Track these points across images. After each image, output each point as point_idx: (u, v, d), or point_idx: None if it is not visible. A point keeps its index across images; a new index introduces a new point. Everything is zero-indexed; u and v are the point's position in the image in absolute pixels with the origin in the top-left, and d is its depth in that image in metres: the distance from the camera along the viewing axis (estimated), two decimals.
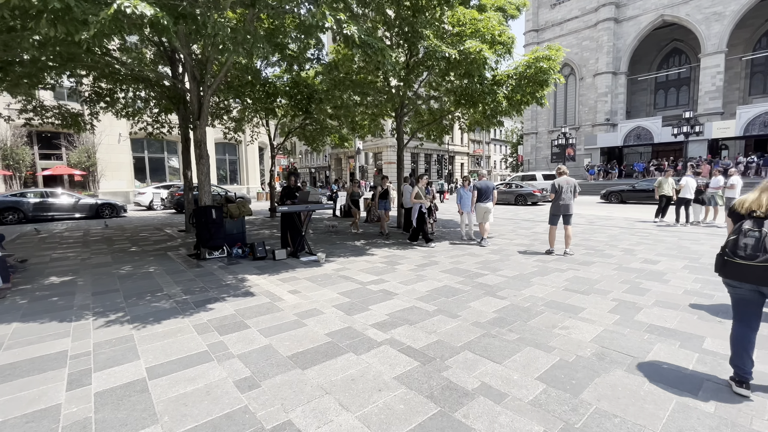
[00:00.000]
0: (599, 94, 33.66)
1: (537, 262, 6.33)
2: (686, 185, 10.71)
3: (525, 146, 40.97)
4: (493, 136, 65.70)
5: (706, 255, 6.65)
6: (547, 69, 8.14)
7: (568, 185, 6.73)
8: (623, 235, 9.26)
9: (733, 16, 27.04)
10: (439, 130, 13.36)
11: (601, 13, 32.99)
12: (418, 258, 6.80)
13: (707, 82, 28.56)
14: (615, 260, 6.37)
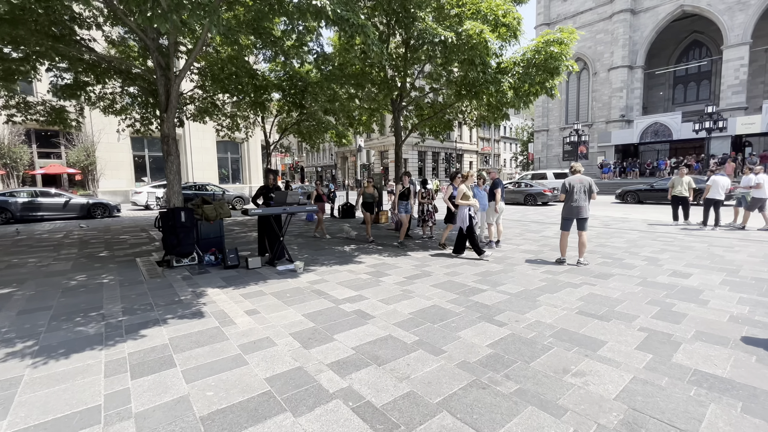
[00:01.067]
0: (614, 89, 32.27)
1: (546, 273, 5.47)
2: (714, 184, 9.65)
3: (536, 144, 39.70)
4: (503, 134, 64.24)
5: (746, 266, 5.70)
6: (558, 55, 7.24)
7: (581, 185, 5.85)
8: (644, 240, 8.29)
9: (760, 4, 25.46)
10: (442, 126, 12.50)
11: (616, 5, 31.59)
12: (409, 268, 5.99)
13: (730, 76, 27.02)
14: (638, 272, 5.47)
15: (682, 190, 10.47)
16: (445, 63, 7.93)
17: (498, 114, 9.05)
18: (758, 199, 9.36)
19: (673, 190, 10.66)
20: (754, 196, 9.43)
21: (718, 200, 9.63)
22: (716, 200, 9.65)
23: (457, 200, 6.57)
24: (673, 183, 10.81)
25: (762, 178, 9.38)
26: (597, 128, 33.89)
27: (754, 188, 9.39)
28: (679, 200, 10.67)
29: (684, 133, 26.26)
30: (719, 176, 9.76)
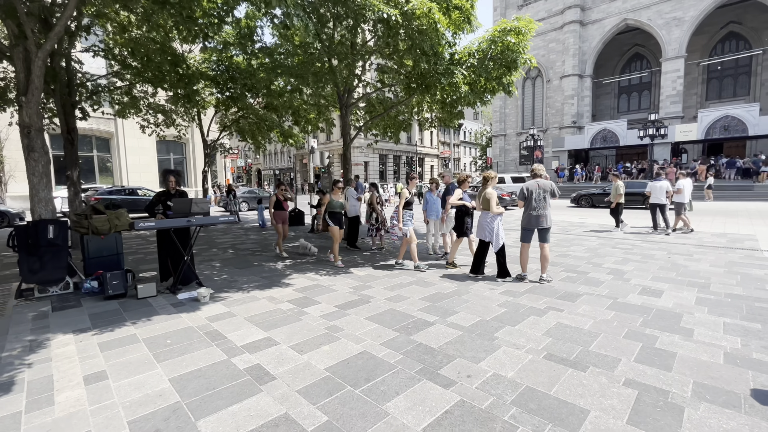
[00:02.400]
0: (566, 96, 33.39)
1: (505, 295, 4.63)
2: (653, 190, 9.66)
3: (494, 148, 40.33)
4: (463, 138, 65.29)
5: (713, 279, 5.22)
6: (515, 46, 6.55)
7: (541, 190, 5.10)
8: (604, 248, 7.83)
9: (692, 21, 27.30)
10: (396, 126, 11.62)
11: (566, 16, 32.75)
12: (346, 291, 4.93)
13: (668, 87, 28.75)
14: (605, 290, 4.79)
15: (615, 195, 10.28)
16: (393, 52, 7.00)
17: (453, 112, 8.29)
18: (679, 204, 9.61)
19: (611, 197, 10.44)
20: (675, 201, 9.62)
21: (662, 204, 9.59)
22: (660, 204, 9.64)
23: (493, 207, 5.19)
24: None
25: (682, 183, 9.60)
26: (551, 134, 34.90)
27: (676, 193, 9.63)
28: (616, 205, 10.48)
29: (630, 140, 27.50)
30: (657, 181, 9.78)
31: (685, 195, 9.68)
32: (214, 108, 13.37)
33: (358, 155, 40.28)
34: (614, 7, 30.94)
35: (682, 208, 9.71)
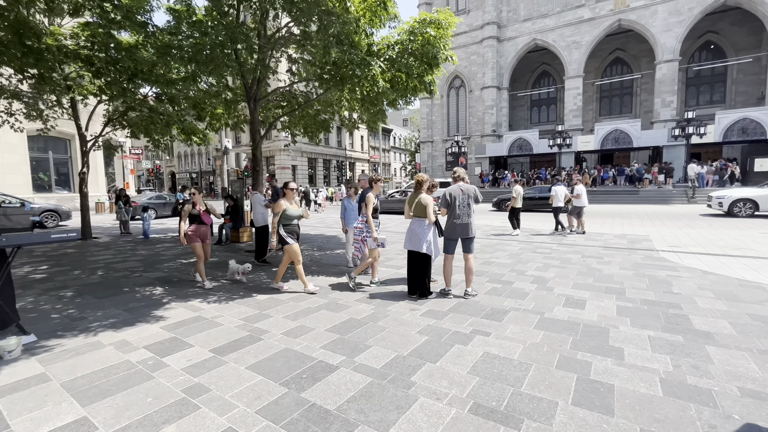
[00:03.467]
0: (486, 106, 35.47)
1: (428, 317, 4.01)
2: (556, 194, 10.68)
3: (422, 154, 41.30)
4: (393, 144, 66.33)
5: (626, 283, 5.24)
6: (436, 41, 6.10)
7: (465, 196, 4.62)
8: (525, 253, 7.81)
9: (588, 45, 30.87)
10: (317, 126, 10.67)
11: (485, 31, 34.87)
12: (234, 325, 3.88)
13: (570, 102, 32.10)
14: (531, 303, 4.45)
15: (519, 200, 10.73)
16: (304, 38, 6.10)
17: (373, 111, 7.65)
18: (577, 207, 10.47)
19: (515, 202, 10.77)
20: (575, 204, 10.48)
21: (561, 207, 10.61)
22: (559, 207, 10.63)
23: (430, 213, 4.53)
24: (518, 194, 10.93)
25: (580, 189, 10.43)
26: (474, 141, 36.79)
27: (575, 198, 10.44)
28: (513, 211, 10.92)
29: (541, 148, 30.02)
30: (558, 186, 10.84)
31: (583, 199, 10.46)
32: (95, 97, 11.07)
33: (285, 158, 38.30)
34: (525, 27, 33.74)
35: (581, 211, 10.53)
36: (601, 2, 30.09)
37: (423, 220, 4.56)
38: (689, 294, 4.72)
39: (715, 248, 7.93)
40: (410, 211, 4.67)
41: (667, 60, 27.64)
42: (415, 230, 4.57)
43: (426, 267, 4.61)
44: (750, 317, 3.86)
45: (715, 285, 5.10)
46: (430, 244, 4.51)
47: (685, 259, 6.91)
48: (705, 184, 21.94)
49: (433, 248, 4.56)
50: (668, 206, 19.19)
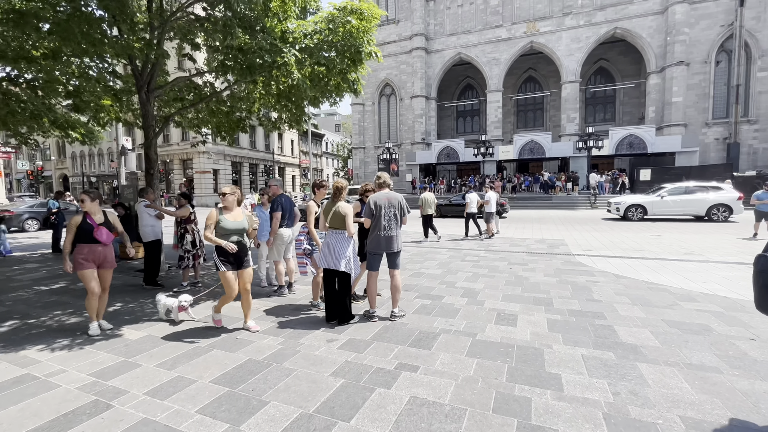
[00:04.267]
0: (416, 115, 36.35)
1: (346, 350, 3.36)
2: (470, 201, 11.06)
3: (354, 160, 40.90)
4: (325, 149, 65.02)
5: (552, 292, 5.18)
6: (357, 33, 5.55)
7: (391, 205, 4.09)
8: (455, 261, 7.61)
9: (506, 63, 33.40)
10: (231, 125, 9.44)
11: (414, 42, 35.83)
12: (77, 385, 2.80)
13: (492, 114, 34.36)
14: (463, 322, 4.05)
15: (427, 208, 10.79)
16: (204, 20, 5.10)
17: (293, 107, 6.84)
18: (489, 213, 11.02)
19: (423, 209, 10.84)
20: (486, 210, 11.02)
21: (473, 213, 11.07)
22: (472, 213, 11.09)
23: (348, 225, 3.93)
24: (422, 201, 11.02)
25: (490, 195, 10.97)
26: (405, 148, 37.43)
27: (486, 204, 10.95)
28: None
29: (467, 157, 31.52)
30: (470, 193, 11.28)
31: (492, 205, 10.99)
32: None
33: (205, 162, 35.00)
34: (451, 41, 35.42)
35: (491, 216, 11.05)
36: (516, 24, 32.79)
37: (341, 233, 3.91)
38: (609, 300, 4.75)
39: (620, 251, 8.57)
40: (326, 222, 3.99)
41: (570, 81, 31.01)
42: (331, 245, 3.90)
43: (346, 288, 3.96)
44: (666, 324, 3.89)
45: (629, 290, 5.27)
46: (349, 260, 3.87)
47: (598, 262, 7.26)
48: (604, 191, 24.80)
49: (353, 265, 3.93)
50: (576, 211, 21.22)
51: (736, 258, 7.43)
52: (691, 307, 4.47)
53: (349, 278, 3.93)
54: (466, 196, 11.40)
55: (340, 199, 3.97)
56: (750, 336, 3.54)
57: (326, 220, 3.99)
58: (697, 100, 27.85)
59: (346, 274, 3.91)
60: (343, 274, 3.91)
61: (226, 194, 3.76)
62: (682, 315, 4.17)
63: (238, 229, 3.74)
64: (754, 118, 26.73)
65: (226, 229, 3.69)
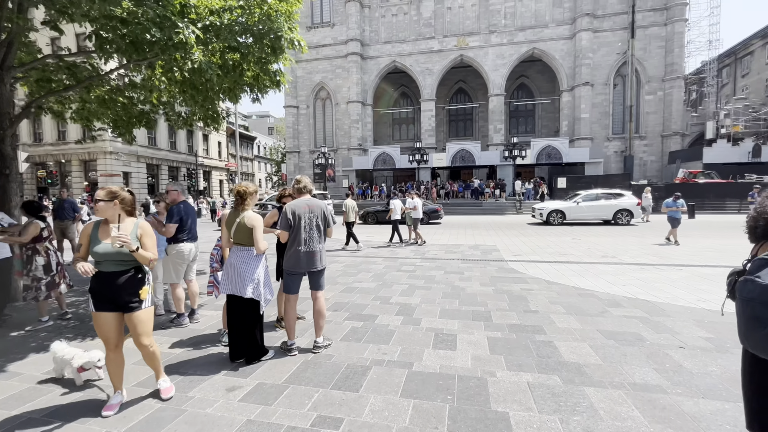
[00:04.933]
0: (352, 120, 35.92)
1: (251, 402, 2.61)
2: (395, 207, 11.05)
3: (288, 165, 39.12)
4: (257, 153, 61.59)
5: (489, 303, 4.94)
6: (278, 16, 4.83)
7: (312, 214, 3.43)
8: (390, 272, 7.15)
9: (438, 74, 34.61)
10: (129, 118, 7.96)
11: (349, 47, 35.49)
12: None
13: (426, 122, 35.30)
14: (398, 348, 3.53)
15: (349, 214, 10.64)
16: None
17: (201, 98, 5.83)
18: (415, 219, 11.12)
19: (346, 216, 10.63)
20: (413, 217, 11.11)
21: (398, 219, 11.07)
22: (396, 219, 11.06)
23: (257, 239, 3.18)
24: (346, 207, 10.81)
25: (416, 202, 11.07)
26: (341, 154, 36.75)
27: (412, 210, 11.06)
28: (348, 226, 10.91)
29: (403, 163, 31.84)
30: (395, 200, 11.26)
31: (419, 211, 11.11)
32: None
33: (113, 164, 30.68)
34: (386, 49, 35.75)
35: (417, 223, 11.11)
36: (447, 38, 34.21)
37: (248, 250, 3.16)
38: (545, 311, 4.61)
39: (547, 255, 8.87)
40: (230, 236, 3.21)
41: (496, 94, 33.12)
42: (235, 265, 3.12)
43: (255, 318, 3.20)
44: (602, 335, 3.79)
45: (561, 297, 5.24)
46: (258, 284, 3.13)
47: (529, 268, 7.33)
48: (528, 197, 26.66)
49: (263, 290, 3.19)
50: (504, 216, 22.39)
51: (643, 260, 8.06)
52: (620, 313, 4.49)
53: (259, 306, 3.17)
54: (390, 202, 11.29)
55: (246, 206, 3.20)
56: (679, 344, 3.54)
57: (230, 234, 3.20)
58: (600, 117, 31.50)
59: (254, 302, 3.15)
60: (251, 302, 3.14)
61: (99, 201, 2.55)
62: (613, 323, 4.13)
63: (108, 253, 2.49)
64: (644, 135, 30.99)
65: (96, 252, 2.51)
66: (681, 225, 10.44)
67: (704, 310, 4.58)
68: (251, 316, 3.16)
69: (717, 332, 3.83)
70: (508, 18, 32.88)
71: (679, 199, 10.54)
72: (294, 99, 37.84)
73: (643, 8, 30.03)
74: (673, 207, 10.37)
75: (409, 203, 11.25)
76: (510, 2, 32.89)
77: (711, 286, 5.76)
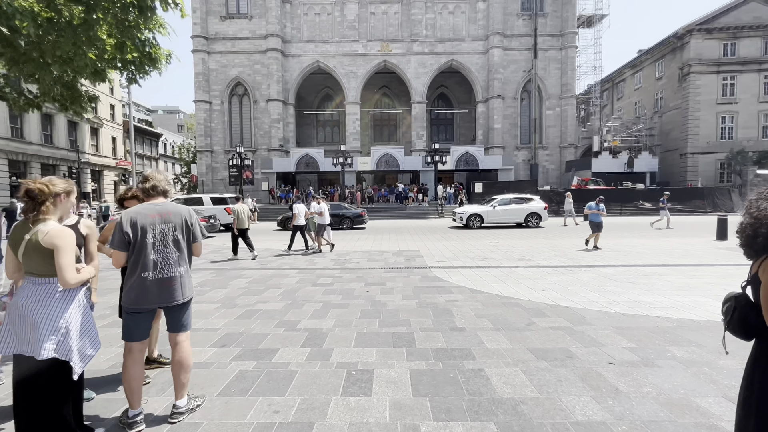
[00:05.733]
0: (272, 119, 33.76)
1: None
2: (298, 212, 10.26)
3: (200, 165, 35.23)
4: (163, 151, 54.75)
5: (412, 321, 4.35)
6: None
7: (167, 225, 2.40)
8: (304, 286, 6.23)
9: (363, 77, 34.38)
10: None
11: (269, 42, 33.38)
12: None
13: (351, 126, 34.76)
14: (296, 400, 2.67)
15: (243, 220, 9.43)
16: None
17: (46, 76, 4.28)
18: (320, 225, 10.30)
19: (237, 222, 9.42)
20: (318, 222, 10.27)
21: (302, 225, 10.27)
22: (300, 225, 10.25)
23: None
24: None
25: (323, 206, 10.27)
26: (260, 155, 34.27)
27: (318, 215, 10.21)
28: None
29: (327, 166, 30.77)
30: (299, 204, 10.44)
31: (326, 217, 10.23)
32: None
33: None
34: (309, 48, 34.43)
35: (322, 229, 10.27)
36: (371, 42, 34.19)
37: (47, 284, 2.03)
38: (472, 327, 4.16)
39: (469, 260, 8.76)
40: (18, 263, 2.04)
41: (418, 101, 34.01)
42: (24, 308, 1.97)
43: (61, 390, 2.06)
44: (533, 355, 3.41)
45: (487, 308, 4.89)
46: (66, 336, 2.01)
47: (452, 276, 7.02)
48: (449, 201, 27.62)
49: (76, 343, 2.07)
50: (427, 220, 22.75)
51: (555, 261, 8.36)
52: (545, 324, 4.24)
53: (70, 371, 2.04)
54: (293, 206, 10.41)
55: (47, 217, 2.06)
56: (608, 359, 3.30)
57: (18, 259, 2.03)
58: (510, 128, 34.29)
59: (60, 365, 2.02)
60: (56, 366, 2.01)
61: None
62: (542, 339, 3.82)
63: None
64: (546, 146, 34.52)
65: None
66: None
67: (619, 315, 4.57)
68: (55, 389, 2.01)
69: (637, 340, 3.73)
70: (429, 29, 34.08)
71: (600, 203, 10.36)
72: (206, 93, 34.31)
73: (544, 33, 33.55)
74: (594, 210, 10.18)
75: (314, 207, 10.35)
76: (430, 14, 34.16)
77: (616, 287, 5.98)
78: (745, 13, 30.61)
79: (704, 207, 24.43)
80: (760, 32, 30.76)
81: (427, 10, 34.01)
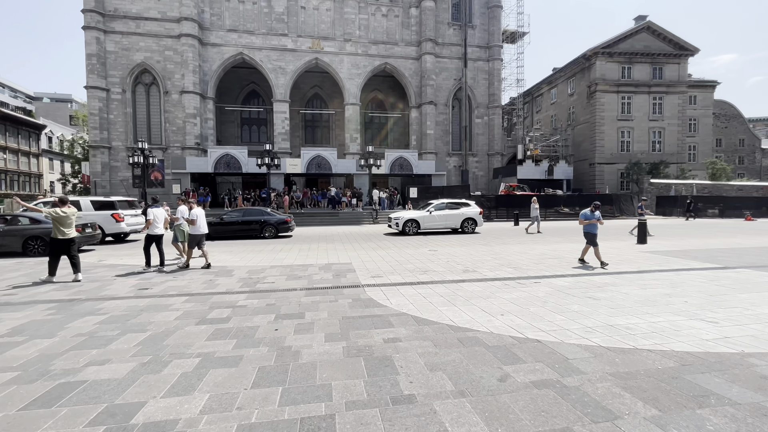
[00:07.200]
0: (188, 114, 29.76)
1: None
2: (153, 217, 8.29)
3: (94, 163, 29.63)
4: (47, 146, 45.78)
5: (337, 386, 2.83)
6: None
7: None
8: (185, 324, 4.32)
9: (292, 74, 32.08)
10: None
11: (184, 27, 29.49)
12: None
13: (279, 125, 32.17)
14: None
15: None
16: None
17: None
18: (192, 236, 8.39)
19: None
20: (191, 233, 8.40)
21: (160, 235, 8.27)
22: (157, 236, 8.21)
23: None
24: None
25: (197, 212, 8.35)
26: (172, 153, 29.98)
27: (191, 224, 8.30)
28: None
29: (251, 168, 27.82)
30: (156, 209, 8.47)
31: (200, 225, 8.35)
32: None
33: None
34: (232, 38, 31.18)
35: (195, 241, 8.36)
36: (302, 38, 32.10)
37: None
38: (425, 395, 2.77)
39: (408, 273, 7.51)
40: None
41: (352, 103, 32.72)
42: None
43: None
44: None
45: (440, 352, 3.56)
46: None
47: (392, 297, 5.64)
48: (384, 206, 26.60)
49: None
50: (361, 227, 21.35)
51: (501, 272, 7.47)
52: (523, 378, 3.01)
53: None
54: (148, 211, 8.36)
55: None
56: None
57: None
58: (443, 134, 34.69)
59: None
60: None
61: None
62: (529, 411, 2.56)
63: None
64: (476, 153, 35.57)
65: None
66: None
67: (605, 351, 3.56)
68: None
69: (654, 401, 2.66)
70: (362, 30, 33.09)
71: (597, 210, 8.44)
72: (102, 79, 29.11)
73: (473, 44, 34.66)
74: (592, 219, 8.32)
75: (181, 212, 8.48)
76: (363, 15, 33.21)
77: (579, 305, 5.12)
78: (638, 41, 34.91)
79: (613, 212, 26.76)
80: (648, 59, 35.30)
81: (360, 11, 33.01)
